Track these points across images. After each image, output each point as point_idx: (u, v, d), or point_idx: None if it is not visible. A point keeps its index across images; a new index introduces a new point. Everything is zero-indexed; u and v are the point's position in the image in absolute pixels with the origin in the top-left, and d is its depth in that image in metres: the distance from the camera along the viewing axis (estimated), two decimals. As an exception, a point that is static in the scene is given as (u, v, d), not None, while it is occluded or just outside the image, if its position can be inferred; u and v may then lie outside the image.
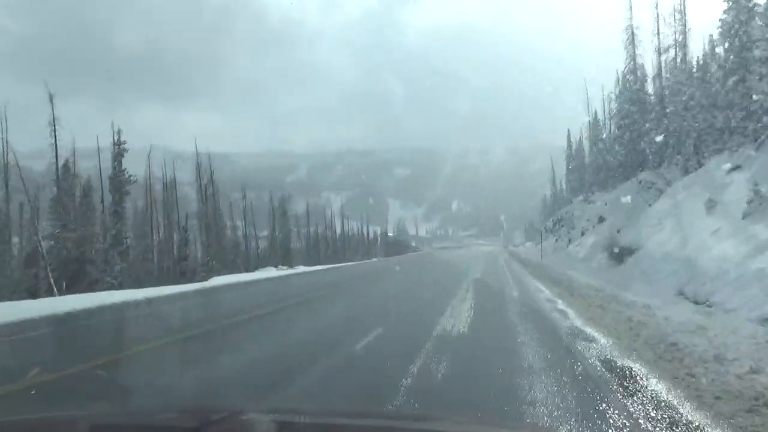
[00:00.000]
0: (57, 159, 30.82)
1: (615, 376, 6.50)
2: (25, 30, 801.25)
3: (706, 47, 31.58)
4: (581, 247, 30.40)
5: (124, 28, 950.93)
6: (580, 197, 44.46)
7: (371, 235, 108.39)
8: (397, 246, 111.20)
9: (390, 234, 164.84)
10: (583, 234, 32.59)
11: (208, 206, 42.30)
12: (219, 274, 29.96)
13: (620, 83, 38.29)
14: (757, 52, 21.47)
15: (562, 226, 35.20)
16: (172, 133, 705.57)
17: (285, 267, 37.98)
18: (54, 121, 29.58)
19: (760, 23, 21.85)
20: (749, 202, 16.38)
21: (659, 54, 34.57)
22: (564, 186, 70.11)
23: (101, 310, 12.71)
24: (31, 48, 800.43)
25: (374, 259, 66.80)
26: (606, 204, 31.61)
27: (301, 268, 37.09)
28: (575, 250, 31.34)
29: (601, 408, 5.19)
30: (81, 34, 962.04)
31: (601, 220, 29.45)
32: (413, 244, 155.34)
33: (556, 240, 32.78)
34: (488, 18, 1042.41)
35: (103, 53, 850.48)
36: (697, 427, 4.74)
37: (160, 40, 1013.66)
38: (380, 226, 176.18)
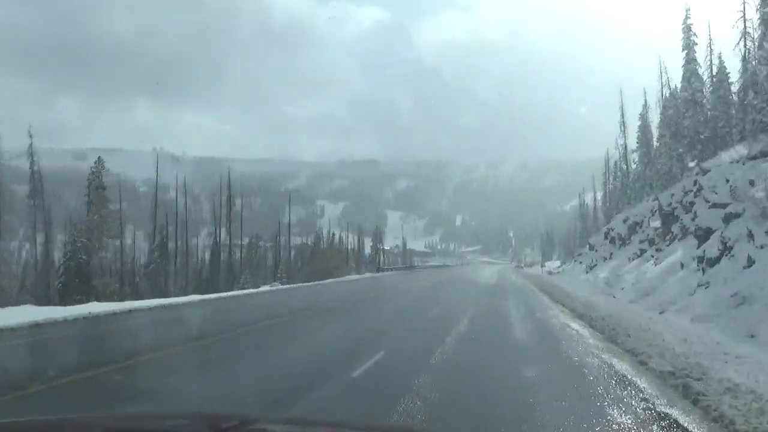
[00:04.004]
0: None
1: None
2: (20, 24, 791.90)
3: None
4: None
5: (123, 25, 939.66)
6: (724, 156, 21.96)
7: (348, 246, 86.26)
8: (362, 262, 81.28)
9: (386, 247, 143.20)
10: None
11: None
12: None
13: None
14: None
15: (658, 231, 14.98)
16: (169, 135, 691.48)
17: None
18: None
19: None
20: None
21: None
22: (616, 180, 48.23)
23: None
24: (21, 41, 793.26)
25: (265, 288, 35.58)
26: None
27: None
28: None
29: None
30: (76, 29, 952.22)
31: None
32: (385, 261, 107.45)
33: (655, 258, 12.69)
34: (500, 33, 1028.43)
35: (101, 49, 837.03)
36: None
37: (160, 39, 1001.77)
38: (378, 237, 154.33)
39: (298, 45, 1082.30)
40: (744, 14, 25.77)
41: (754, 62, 23.83)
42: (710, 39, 31.24)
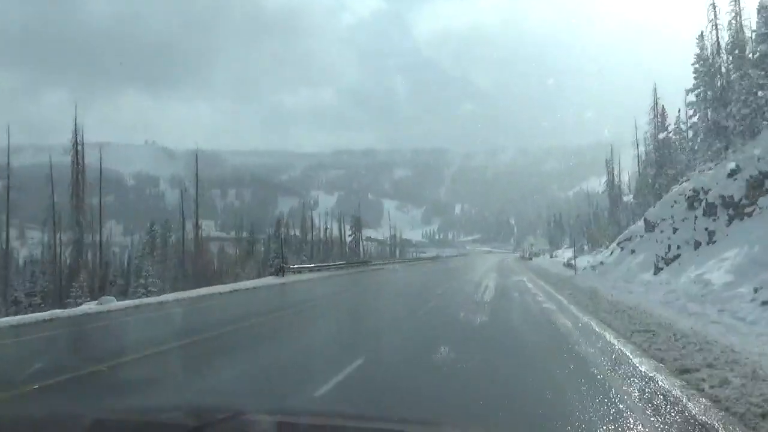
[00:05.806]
0: None
1: None
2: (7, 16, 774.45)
3: None
4: None
5: (112, 14, 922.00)
6: None
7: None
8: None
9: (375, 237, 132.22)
10: None
11: None
12: None
13: None
14: None
15: None
16: (162, 128, 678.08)
17: None
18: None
19: None
20: None
21: None
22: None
23: None
24: (10, 33, 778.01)
25: (85, 307, 21.75)
26: None
27: None
28: None
29: None
30: (67, 20, 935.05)
31: None
32: (367, 252, 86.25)
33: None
34: (498, 20, 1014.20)
35: (90, 40, 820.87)
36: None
37: (151, 28, 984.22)
38: (374, 228, 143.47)
39: (294, 35, 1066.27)
40: None
41: None
42: None
